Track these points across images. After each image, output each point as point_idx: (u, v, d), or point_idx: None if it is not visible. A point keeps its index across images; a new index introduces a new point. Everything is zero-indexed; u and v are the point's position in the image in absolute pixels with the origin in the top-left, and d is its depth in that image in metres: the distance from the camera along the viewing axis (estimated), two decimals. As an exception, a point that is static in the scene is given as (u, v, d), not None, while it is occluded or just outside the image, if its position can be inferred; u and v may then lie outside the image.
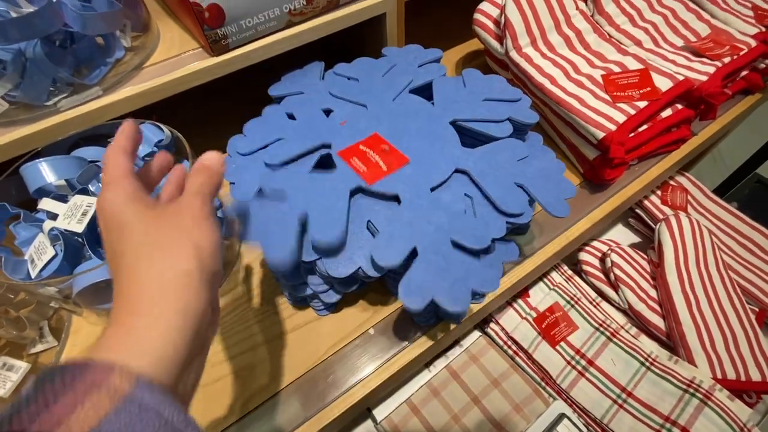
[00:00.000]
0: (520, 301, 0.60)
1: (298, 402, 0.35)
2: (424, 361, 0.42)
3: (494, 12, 0.54)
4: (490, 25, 0.54)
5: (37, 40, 0.34)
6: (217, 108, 0.60)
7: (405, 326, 0.38)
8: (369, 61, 0.48)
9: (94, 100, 0.39)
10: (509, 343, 0.55)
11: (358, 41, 0.54)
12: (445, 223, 0.32)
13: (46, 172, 0.34)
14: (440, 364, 0.52)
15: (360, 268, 0.31)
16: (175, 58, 0.43)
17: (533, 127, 0.40)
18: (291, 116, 0.43)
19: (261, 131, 0.41)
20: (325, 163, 0.39)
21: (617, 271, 0.59)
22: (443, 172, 0.36)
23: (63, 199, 0.34)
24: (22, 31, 0.33)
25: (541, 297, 0.60)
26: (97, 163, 0.36)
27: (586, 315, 0.57)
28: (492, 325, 0.57)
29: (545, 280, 0.62)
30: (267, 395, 0.35)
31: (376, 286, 0.40)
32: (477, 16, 0.55)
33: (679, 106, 0.48)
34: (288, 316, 0.39)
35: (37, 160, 0.34)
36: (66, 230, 0.30)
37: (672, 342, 0.55)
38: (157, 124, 0.37)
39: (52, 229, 0.32)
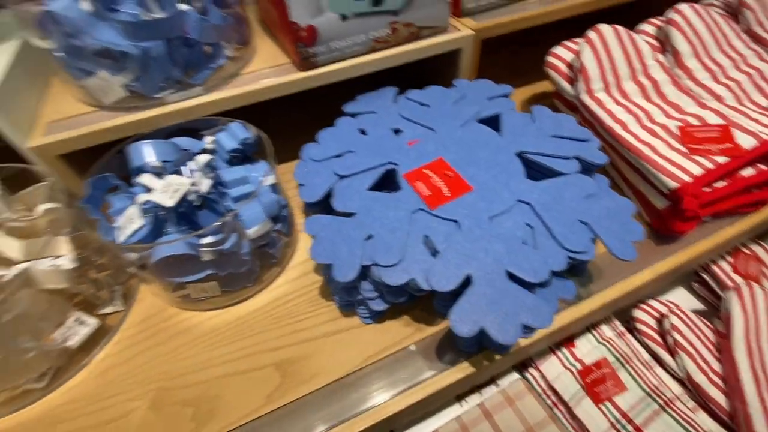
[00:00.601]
0: (564, 349, 0.56)
1: (327, 406, 0.35)
2: (459, 390, 0.41)
3: (567, 56, 0.56)
4: (563, 67, 0.55)
5: (161, 42, 0.40)
6: (295, 119, 0.64)
7: (446, 349, 0.38)
8: (441, 89, 0.51)
9: (195, 98, 0.44)
10: (548, 392, 0.52)
11: (430, 70, 0.57)
12: (502, 253, 0.32)
13: (149, 152, 0.38)
14: (473, 400, 0.50)
15: (413, 279, 0.32)
16: (267, 69, 0.48)
17: (599, 170, 0.40)
18: (362, 132, 0.45)
19: (333, 141, 0.44)
20: (388, 180, 0.41)
21: (677, 336, 0.55)
22: (505, 201, 0.36)
23: (158, 177, 0.38)
24: (152, 33, 0.39)
25: (588, 349, 0.56)
26: (189, 151, 0.40)
27: (637, 377, 0.53)
28: (531, 370, 0.55)
29: (594, 332, 0.58)
30: (301, 393, 0.35)
31: (422, 303, 0.40)
32: (550, 58, 0.56)
33: (762, 167, 0.45)
34: (334, 318, 0.40)
35: (141, 142, 0.39)
36: (158, 203, 0.34)
37: (735, 425, 0.49)
38: (243, 123, 0.41)
39: (145, 203, 0.35)
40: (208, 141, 0.42)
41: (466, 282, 0.31)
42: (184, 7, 0.40)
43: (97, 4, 0.38)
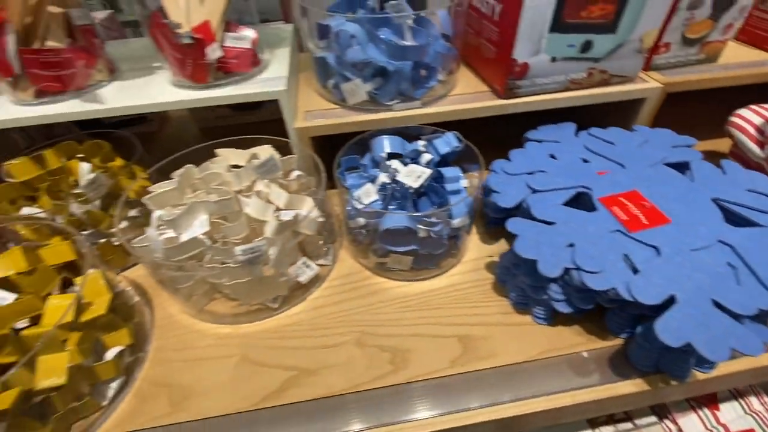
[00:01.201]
0: (706, 410, 0.54)
1: (504, 383, 0.39)
2: (615, 409, 0.43)
3: (756, 119, 0.56)
4: (750, 129, 0.56)
5: (410, 63, 0.50)
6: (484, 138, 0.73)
7: (620, 363, 0.40)
8: (623, 131, 0.55)
9: (415, 109, 0.54)
10: (687, 447, 0.51)
11: (603, 111, 0.61)
12: (707, 283, 0.35)
13: (386, 144, 0.48)
14: (606, 430, 0.51)
15: (614, 288, 0.36)
16: (468, 95, 0.57)
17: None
18: (552, 156, 0.51)
19: (525, 160, 0.51)
20: (578, 200, 0.46)
21: None
22: (705, 238, 0.39)
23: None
24: (406, 55, 0.50)
25: (733, 416, 0.54)
26: (417, 148, 0.49)
27: (795, 460, 0.49)
28: (668, 422, 0.53)
29: (741, 401, 0.55)
30: (480, 366, 0.41)
31: (592, 318, 0.43)
32: (734, 119, 0.58)
33: None
34: (506, 312, 0.45)
35: (383, 135, 0.49)
36: (404, 184, 0.43)
37: None
38: (457, 134, 0.50)
39: (382, 184, 0.45)
40: (420, 144, 0.52)
41: (669, 301, 0.35)
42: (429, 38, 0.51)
43: (368, 27, 0.50)
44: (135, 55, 0.60)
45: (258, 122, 0.82)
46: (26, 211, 0.46)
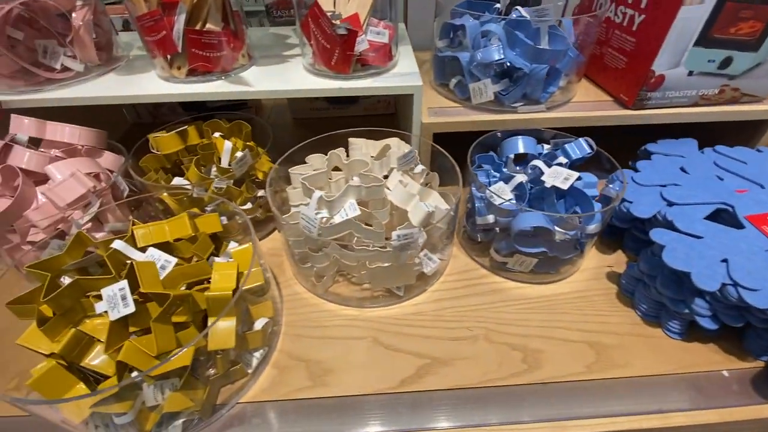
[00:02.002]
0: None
1: (637, 395, 0.39)
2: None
3: None
4: None
5: (545, 66, 0.51)
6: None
7: (762, 386, 0.39)
8: (752, 151, 0.54)
9: (539, 113, 0.55)
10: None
11: (727, 131, 0.60)
12: None
13: (521, 144, 0.49)
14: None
15: (778, 307, 0.35)
16: (589, 102, 0.57)
17: None
18: (683, 170, 0.50)
19: (654, 172, 0.50)
20: (716, 217, 0.45)
21: None
22: None
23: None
24: (543, 59, 0.50)
25: None
26: (552, 152, 0.49)
27: None
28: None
29: None
30: (615, 374, 0.40)
31: (729, 337, 0.42)
32: None
33: None
34: (635, 323, 0.45)
35: (518, 136, 0.50)
36: (550, 185, 0.43)
37: None
38: (590, 140, 0.50)
39: (519, 183, 0.45)
40: (545, 147, 0.52)
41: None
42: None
43: (507, 28, 0.51)
44: (262, 43, 0.63)
45: (349, 117, 0.84)
46: (175, 182, 0.49)
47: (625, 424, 0.37)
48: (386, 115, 0.84)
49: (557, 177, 0.44)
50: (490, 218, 0.47)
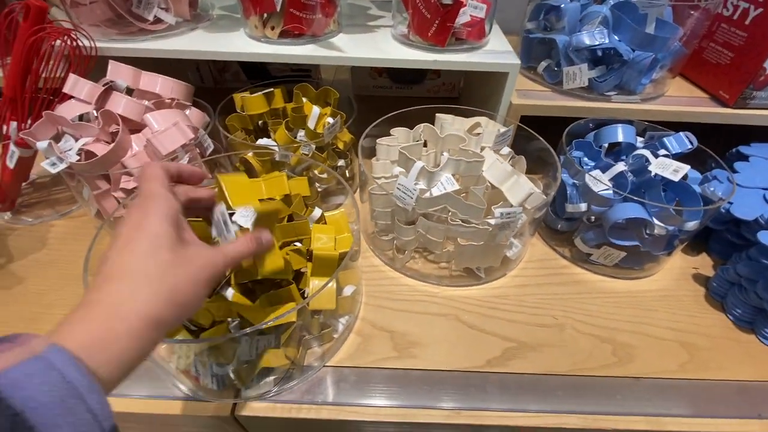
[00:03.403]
0: None
1: (738, 401, 0.38)
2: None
3: None
4: None
5: (650, 54, 0.48)
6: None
7: None
8: None
9: (633, 104, 0.52)
10: None
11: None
12: None
13: (620, 133, 0.47)
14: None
15: None
16: (683, 98, 0.55)
17: None
18: (786, 175, 0.48)
19: (754, 174, 0.48)
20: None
21: None
22: None
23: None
24: (650, 46, 0.48)
25: None
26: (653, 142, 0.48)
27: None
28: None
29: None
30: (712, 376, 0.39)
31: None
32: None
33: None
34: (725, 326, 0.43)
35: (617, 125, 0.48)
36: (661, 177, 0.42)
37: None
38: (690, 135, 0.47)
39: (621, 172, 0.44)
40: (640, 140, 0.50)
41: None
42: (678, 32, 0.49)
43: (614, 11, 0.48)
44: (344, 12, 0.62)
45: (411, 97, 0.82)
46: (262, 142, 0.49)
47: (725, 426, 0.36)
48: (449, 98, 0.82)
49: (665, 168, 0.42)
50: (583, 206, 0.46)
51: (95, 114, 0.45)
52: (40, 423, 0.16)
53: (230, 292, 0.34)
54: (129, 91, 0.49)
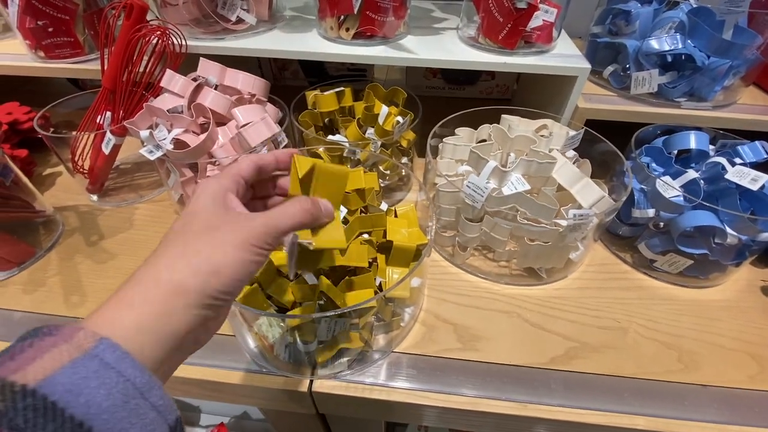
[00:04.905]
0: None
1: None
2: None
3: None
4: None
5: (726, 61, 0.48)
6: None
7: None
8: None
9: (704, 111, 0.52)
10: None
11: None
12: None
13: (693, 140, 0.47)
14: None
15: None
16: (757, 107, 0.53)
17: None
18: None
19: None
20: None
21: None
22: None
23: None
24: (726, 53, 0.47)
25: None
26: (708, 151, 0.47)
27: None
28: None
29: None
30: (764, 387, 0.39)
31: None
32: None
33: None
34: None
35: (690, 131, 0.48)
36: (737, 185, 0.41)
37: None
38: (764, 144, 0.47)
39: (694, 179, 0.43)
40: (711, 148, 0.49)
41: None
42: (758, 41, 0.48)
43: (690, 17, 0.48)
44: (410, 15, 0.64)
45: (464, 98, 0.83)
46: (334, 138, 0.51)
47: (799, 440, 0.35)
48: (501, 100, 0.83)
49: (743, 177, 0.42)
50: (651, 212, 0.46)
51: (185, 107, 0.49)
52: (107, 430, 0.15)
53: (311, 277, 0.37)
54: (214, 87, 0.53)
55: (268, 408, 0.52)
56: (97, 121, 0.55)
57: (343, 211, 0.42)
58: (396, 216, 0.44)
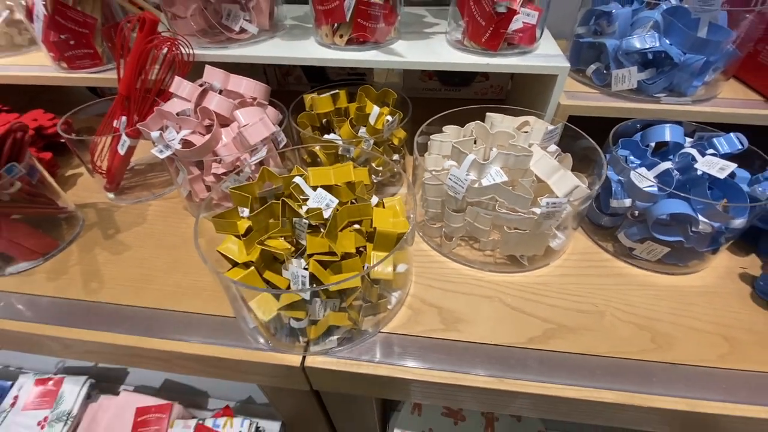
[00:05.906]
0: None
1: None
2: None
3: None
4: None
5: (702, 57, 0.50)
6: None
7: None
8: None
9: (683, 105, 0.54)
10: None
11: None
12: None
13: (668, 132, 0.49)
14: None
15: None
16: (737, 100, 0.55)
17: None
18: None
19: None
20: None
21: None
22: None
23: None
24: (701, 49, 0.49)
25: None
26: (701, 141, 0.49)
27: None
28: None
29: None
30: (750, 367, 0.40)
31: None
32: None
33: None
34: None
35: (665, 124, 0.50)
36: (707, 175, 0.43)
37: None
38: (740, 136, 0.48)
39: (667, 170, 0.46)
40: (689, 140, 0.51)
41: None
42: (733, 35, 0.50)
43: (666, 16, 0.50)
44: (401, 20, 0.67)
45: (459, 99, 0.87)
46: (329, 137, 0.55)
47: (763, 413, 0.37)
48: (495, 100, 0.85)
49: (712, 166, 0.44)
50: (627, 202, 0.48)
51: (192, 110, 0.53)
52: None
53: (301, 262, 0.41)
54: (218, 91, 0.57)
55: (265, 384, 0.56)
56: (114, 125, 0.60)
57: (335, 201, 0.46)
58: (384, 207, 0.47)
